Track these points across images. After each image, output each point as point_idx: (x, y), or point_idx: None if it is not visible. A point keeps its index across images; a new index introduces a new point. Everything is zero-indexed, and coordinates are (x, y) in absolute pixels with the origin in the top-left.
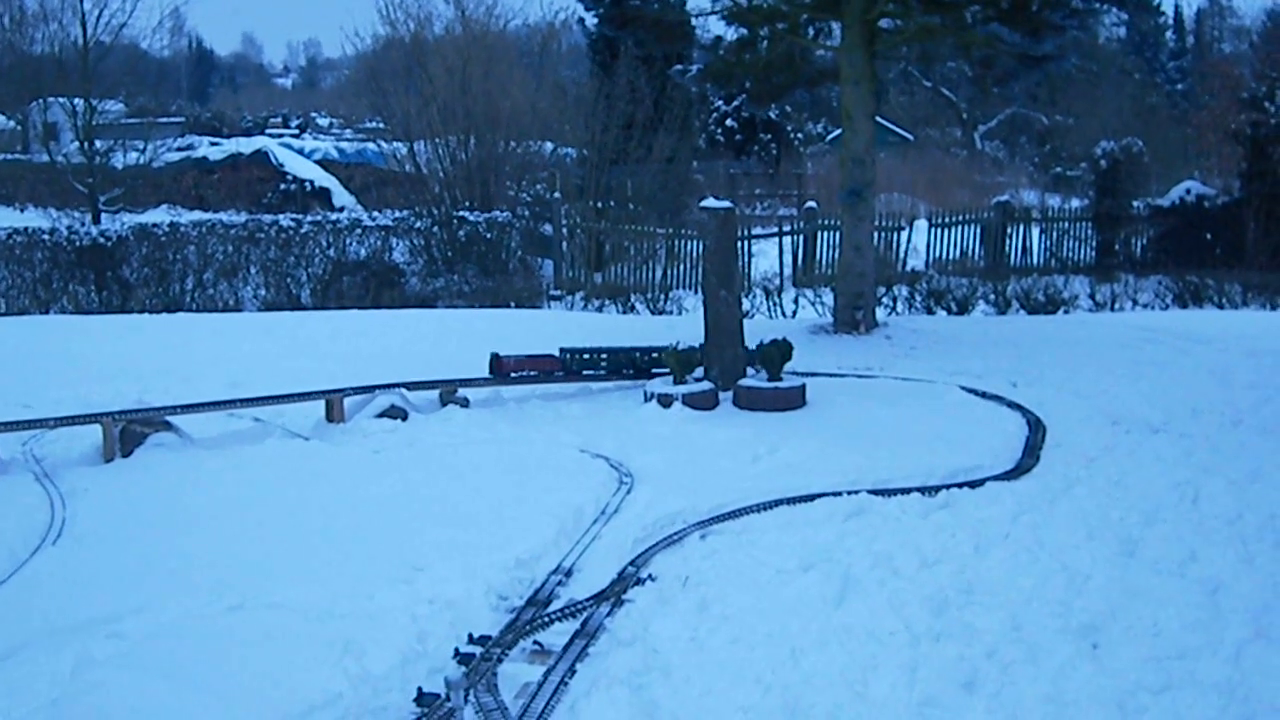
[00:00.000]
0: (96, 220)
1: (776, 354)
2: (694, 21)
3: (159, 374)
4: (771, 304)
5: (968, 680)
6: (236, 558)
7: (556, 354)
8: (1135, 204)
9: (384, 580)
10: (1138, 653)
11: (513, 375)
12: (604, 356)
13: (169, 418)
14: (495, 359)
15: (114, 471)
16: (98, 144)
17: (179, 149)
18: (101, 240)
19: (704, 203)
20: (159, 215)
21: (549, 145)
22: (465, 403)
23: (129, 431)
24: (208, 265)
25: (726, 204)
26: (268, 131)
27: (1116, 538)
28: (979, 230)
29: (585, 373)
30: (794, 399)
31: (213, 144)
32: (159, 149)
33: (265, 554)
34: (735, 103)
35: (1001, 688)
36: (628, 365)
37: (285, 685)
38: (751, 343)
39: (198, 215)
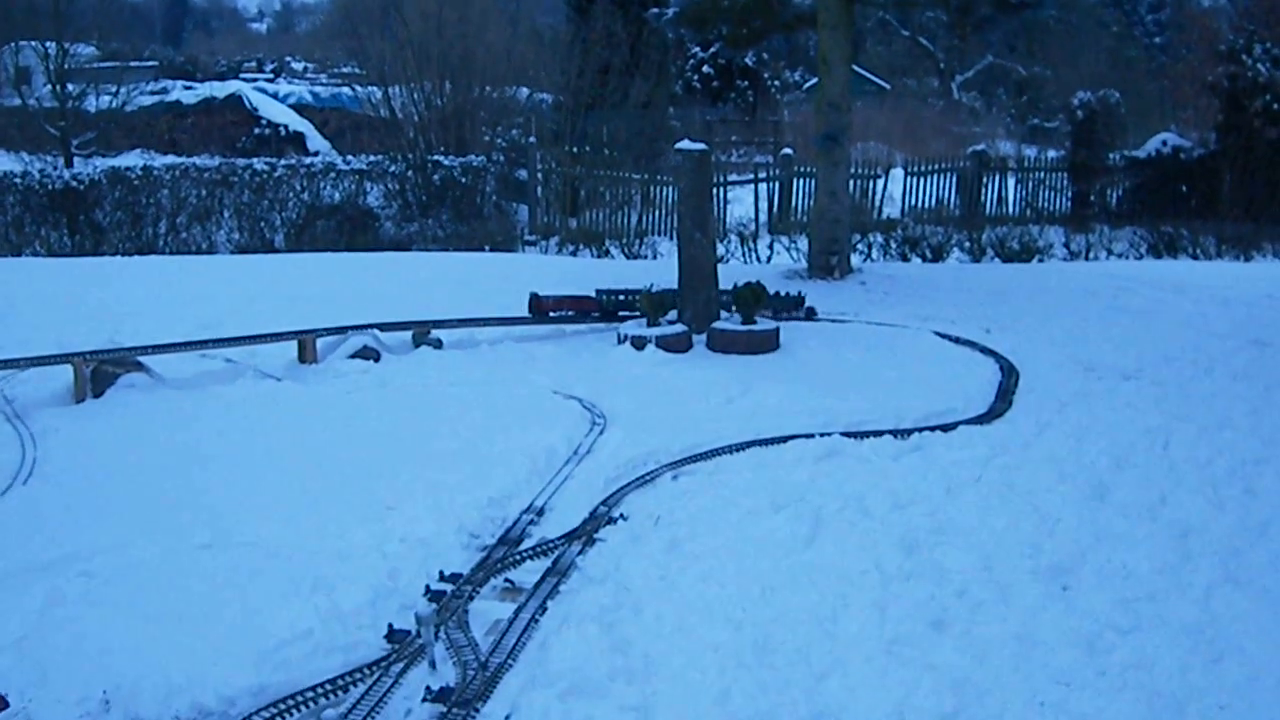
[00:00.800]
0: (69, 164)
1: (750, 297)
2: None
3: (131, 315)
4: (746, 250)
5: (937, 619)
6: (207, 497)
7: (593, 294)
8: (1111, 155)
9: (355, 519)
10: (1107, 594)
11: (551, 315)
12: (639, 297)
13: (140, 358)
14: (534, 298)
15: (85, 412)
16: (70, 87)
17: (152, 93)
18: (74, 184)
19: (679, 144)
20: (132, 159)
21: (524, 90)
22: (438, 344)
23: (100, 372)
24: (181, 209)
25: (702, 146)
26: (242, 76)
27: (1088, 481)
28: (954, 179)
29: (621, 313)
30: (767, 342)
31: (186, 88)
32: (132, 93)
33: (236, 493)
34: (712, 49)
35: (971, 627)
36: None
37: (256, 622)
38: (726, 287)
39: (171, 159)
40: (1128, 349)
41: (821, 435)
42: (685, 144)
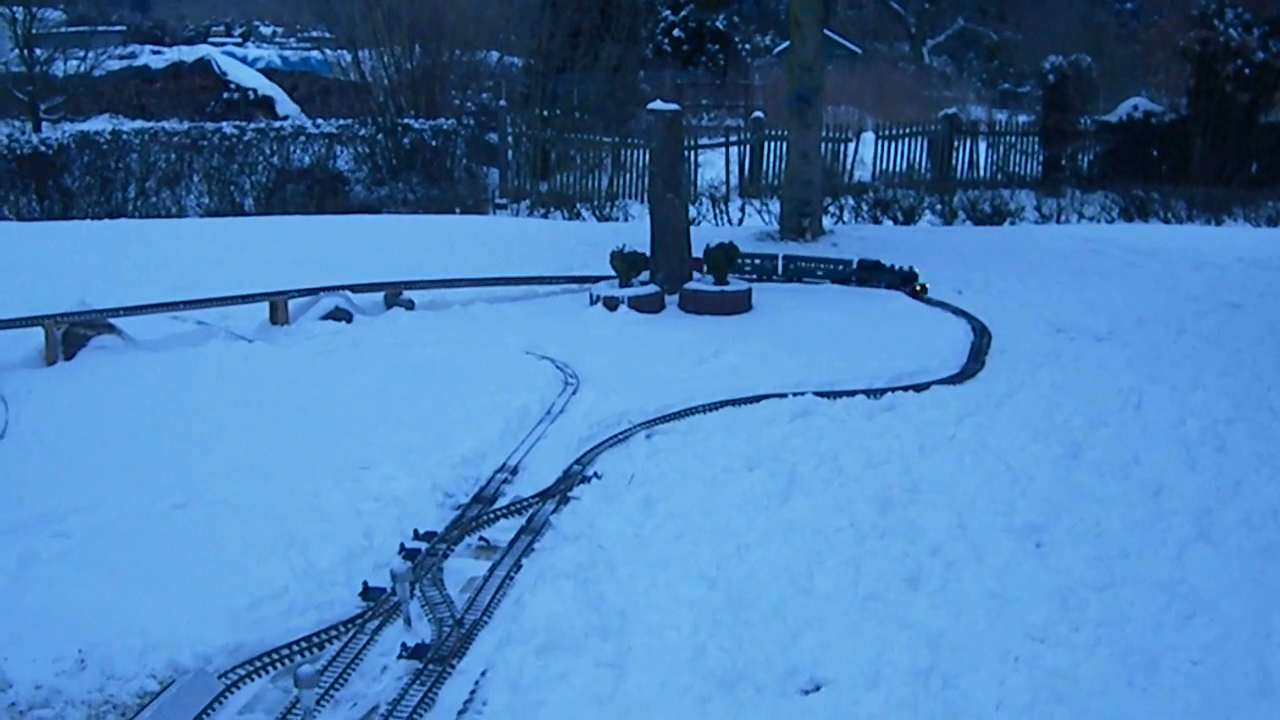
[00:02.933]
0: (37, 129)
1: (722, 257)
2: None
3: (101, 278)
4: (718, 212)
5: (912, 576)
6: (181, 457)
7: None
8: (1082, 120)
9: (329, 479)
10: (1081, 551)
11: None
12: (757, 260)
13: (112, 320)
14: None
15: (56, 374)
16: (38, 52)
17: (120, 57)
18: (42, 149)
19: (651, 105)
20: (100, 124)
21: (494, 54)
22: (410, 305)
23: (71, 334)
24: (150, 173)
25: (674, 106)
26: (210, 40)
27: (1061, 441)
28: (926, 143)
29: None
30: (740, 303)
31: (155, 52)
32: (100, 57)
33: (210, 454)
34: (683, 12)
35: (946, 583)
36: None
37: (230, 580)
38: (698, 250)
39: (140, 124)
40: (1100, 311)
41: (795, 395)
42: (657, 104)
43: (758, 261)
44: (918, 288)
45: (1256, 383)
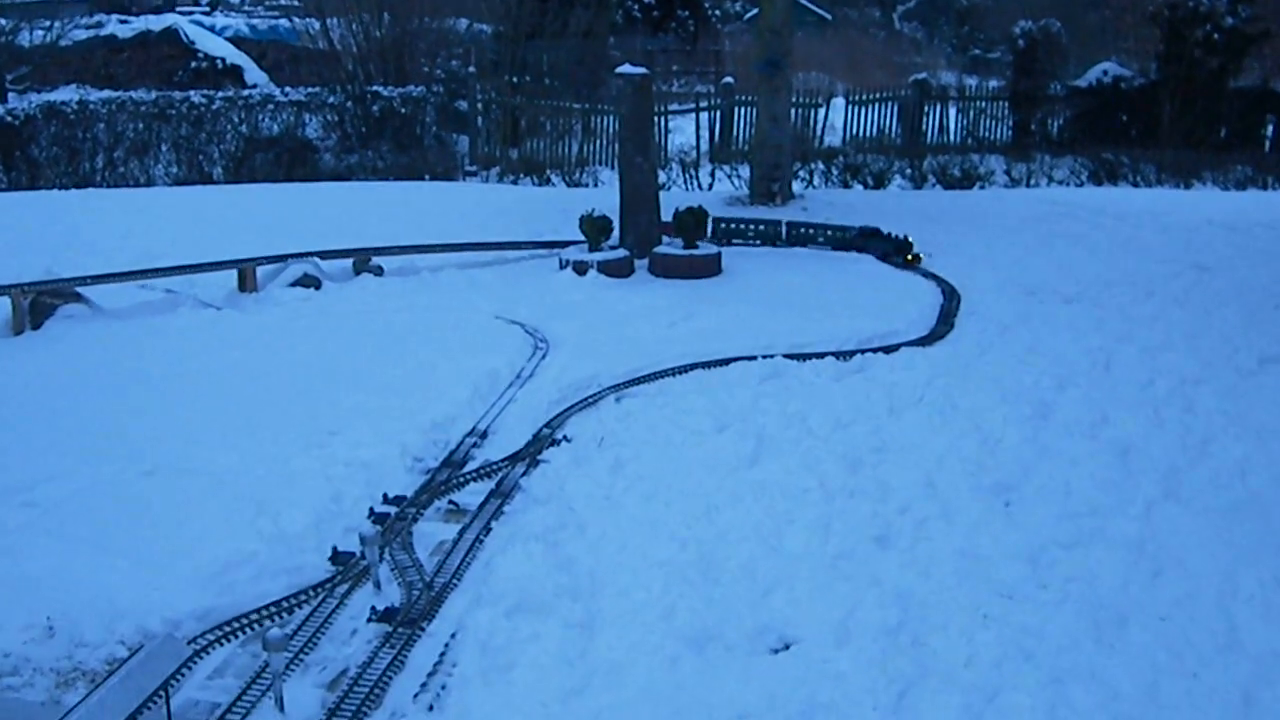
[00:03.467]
0: (3, 99)
1: (691, 221)
2: None
3: (68, 248)
4: (688, 177)
5: (881, 535)
6: (150, 425)
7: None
8: (1052, 85)
9: (298, 444)
10: (1050, 510)
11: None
12: (761, 226)
13: (79, 289)
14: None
15: (24, 344)
16: (3, 22)
17: (87, 27)
18: (9, 119)
19: (620, 69)
20: (68, 94)
21: (464, 21)
22: (379, 271)
23: (39, 303)
24: (118, 143)
25: (643, 70)
26: (178, 9)
27: (1029, 401)
28: (896, 108)
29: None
30: (709, 266)
31: (121, 21)
32: (66, 27)
33: (179, 421)
34: None
35: (915, 542)
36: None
37: (200, 546)
38: (668, 214)
39: (108, 94)
40: (1069, 273)
41: (764, 357)
42: (626, 69)
43: (761, 228)
44: (909, 257)
45: (1224, 343)
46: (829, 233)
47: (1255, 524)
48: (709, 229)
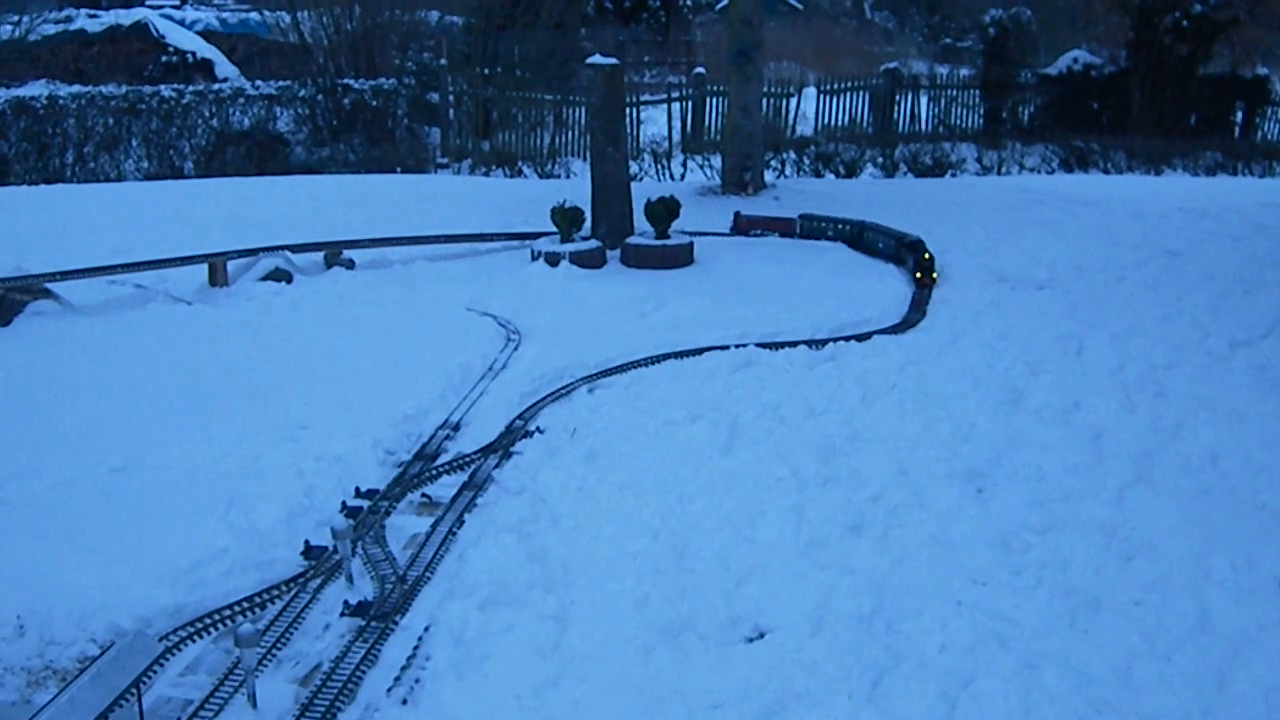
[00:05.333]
0: None
1: (663, 211)
2: None
3: (38, 243)
4: (660, 167)
5: (854, 523)
6: (120, 421)
7: (792, 217)
8: (1023, 73)
9: (270, 439)
10: (1022, 496)
11: (752, 233)
12: (841, 225)
13: (49, 285)
14: (737, 216)
15: None
16: None
17: (56, 21)
18: None
19: (590, 59)
20: (37, 89)
21: (435, 13)
22: (351, 264)
23: (7, 300)
24: (88, 138)
25: (613, 60)
26: (147, 3)
27: (1002, 388)
28: (868, 97)
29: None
30: (682, 256)
31: (91, 16)
32: (35, 22)
33: (149, 417)
34: None
35: (888, 530)
36: (858, 240)
37: (171, 542)
38: (639, 205)
39: (77, 88)
40: (1040, 260)
41: (737, 346)
42: (597, 58)
43: (843, 227)
44: (920, 275)
45: (1195, 328)
46: (838, 226)
47: (1227, 507)
48: (797, 227)
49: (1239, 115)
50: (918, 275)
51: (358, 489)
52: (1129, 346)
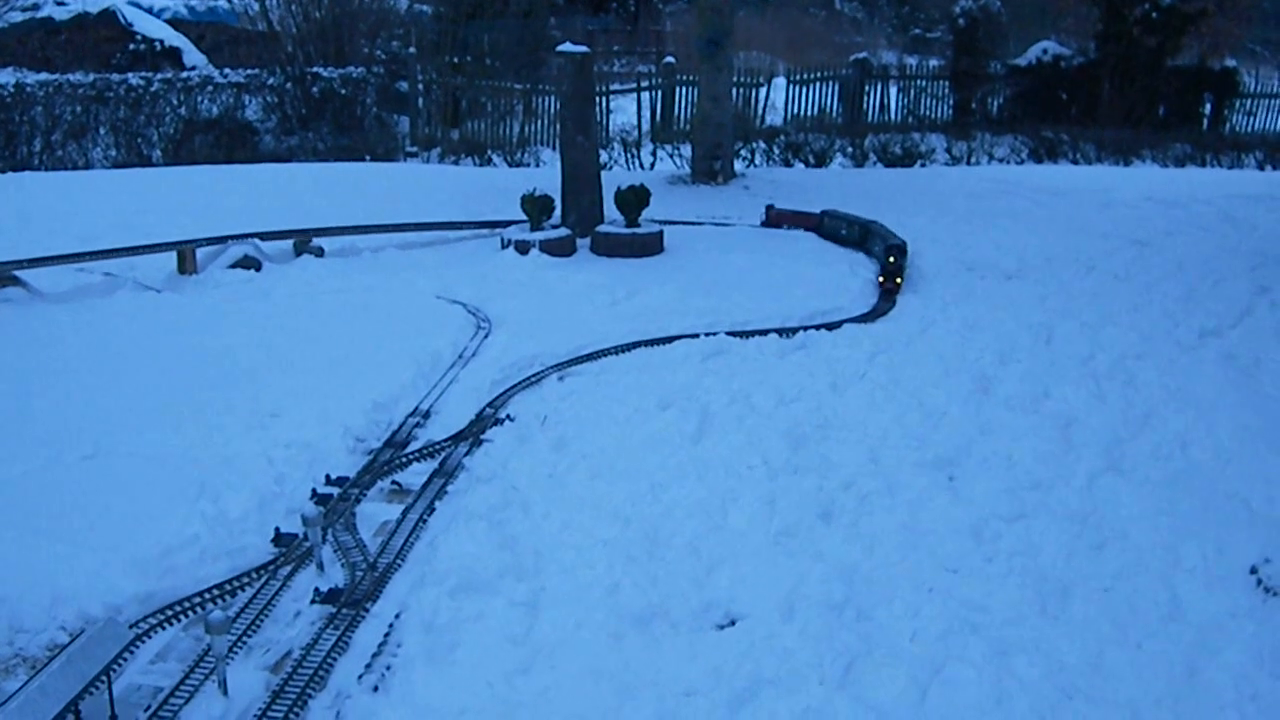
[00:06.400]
0: None
1: (633, 199)
2: None
3: (4, 231)
4: (630, 156)
5: (825, 510)
6: (89, 409)
7: (816, 212)
8: (992, 64)
9: (240, 426)
10: (993, 484)
11: (782, 225)
12: (855, 226)
13: (16, 273)
14: (769, 209)
15: None
16: None
17: (23, 9)
18: None
19: (560, 47)
20: (4, 77)
21: (404, 1)
22: (320, 252)
23: None
24: (55, 126)
25: (583, 48)
26: None
27: (972, 376)
28: (837, 87)
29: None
30: (652, 245)
31: (58, 4)
32: (2, 10)
33: (119, 405)
34: None
35: (859, 517)
36: (867, 241)
37: (141, 530)
38: (609, 193)
39: (45, 76)
40: (1010, 249)
41: (707, 335)
42: (567, 46)
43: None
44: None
45: (1165, 318)
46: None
47: (1197, 495)
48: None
49: (1208, 107)
50: (880, 280)
51: (328, 476)
52: (1099, 336)
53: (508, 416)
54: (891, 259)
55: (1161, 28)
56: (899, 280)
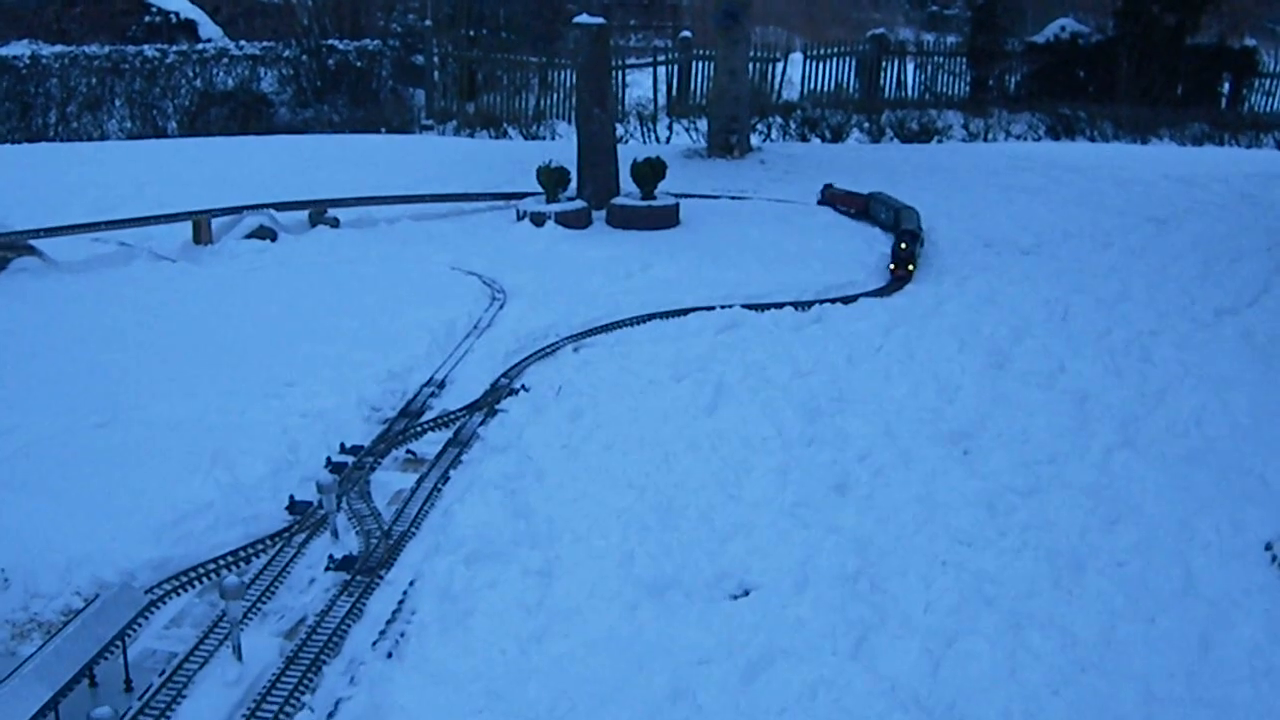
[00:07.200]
0: None
1: (649, 172)
2: None
3: (21, 202)
4: (645, 130)
5: (840, 483)
6: (105, 377)
7: (864, 194)
8: (1010, 41)
9: (255, 395)
10: (1008, 458)
11: (837, 206)
12: (891, 210)
13: (32, 242)
14: (827, 187)
15: None
16: None
17: None
18: None
19: (577, 19)
20: (19, 49)
21: None
22: (335, 223)
23: None
24: (71, 98)
25: (599, 20)
26: None
27: (987, 351)
28: (854, 63)
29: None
30: (667, 217)
31: None
32: None
33: (134, 373)
34: None
35: (874, 490)
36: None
37: (156, 496)
38: (625, 166)
39: (60, 48)
40: (1026, 225)
41: (722, 307)
42: (584, 18)
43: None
44: (896, 264)
45: (1181, 295)
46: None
47: (1211, 471)
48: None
49: (1226, 86)
50: (892, 266)
51: (343, 445)
52: (1115, 312)
53: (523, 387)
54: (903, 245)
55: (1181, 6)
56: (911, 268)
